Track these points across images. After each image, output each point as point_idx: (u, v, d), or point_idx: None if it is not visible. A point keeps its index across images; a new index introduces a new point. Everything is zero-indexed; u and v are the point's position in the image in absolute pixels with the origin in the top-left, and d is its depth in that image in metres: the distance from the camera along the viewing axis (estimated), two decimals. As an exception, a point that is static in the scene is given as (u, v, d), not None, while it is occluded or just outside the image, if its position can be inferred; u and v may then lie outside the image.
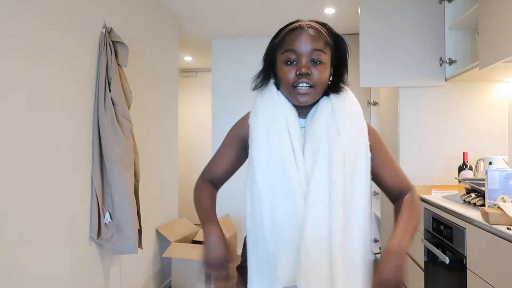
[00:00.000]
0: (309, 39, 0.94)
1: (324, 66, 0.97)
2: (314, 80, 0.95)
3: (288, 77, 0.96)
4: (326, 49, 0.97)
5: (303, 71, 0.94)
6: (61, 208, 1.81)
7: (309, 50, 0.94)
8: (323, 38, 0.96)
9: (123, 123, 2.07)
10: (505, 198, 1.48)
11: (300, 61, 0.95)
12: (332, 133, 0.97)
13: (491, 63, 1.87)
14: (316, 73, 0.95)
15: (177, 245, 2.85)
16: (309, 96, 0.96)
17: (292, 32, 0.97)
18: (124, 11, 2.43)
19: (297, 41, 0.95)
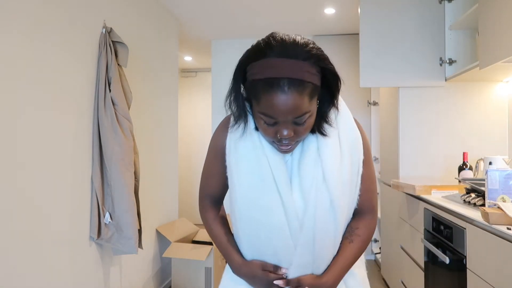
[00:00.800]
0: (290, 108, 0.78)
1: (310, 119, 0.84)
2: (298, 137, 0.86)
3: (268, 136, 0.86)
4: (312, 102, 0.82)
5: (285, 136, 0.83)
6: (61, 208, 1.81)
7: (290, 119, 0.81)
8: (308, 93, 0.80)
9: (123, 123, 2.07)
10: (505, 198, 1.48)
11: (281, 127, 0.82)
12: (319, 178, 0.91)
13: (491, 63, 1.87)
14: (301, 132, 0.84)
15: (177, 245, 2.85)
16: (293, 148, 0.89)
17: (269, 92, 0.78)
18: (124, 11, 2.43)
19: (276, 109, 0.79)
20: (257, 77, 0.80)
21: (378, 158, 3.79)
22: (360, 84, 2.58)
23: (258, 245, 0.95)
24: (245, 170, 0.93)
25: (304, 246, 0.92)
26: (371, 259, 3.80)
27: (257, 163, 0.92)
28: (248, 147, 0.93)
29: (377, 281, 3.20)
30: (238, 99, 0.88)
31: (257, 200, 0.92)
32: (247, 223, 0.95)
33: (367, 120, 3.85)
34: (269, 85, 0.78)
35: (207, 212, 1.08)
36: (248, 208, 0.94)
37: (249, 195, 0.93)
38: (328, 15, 3.32)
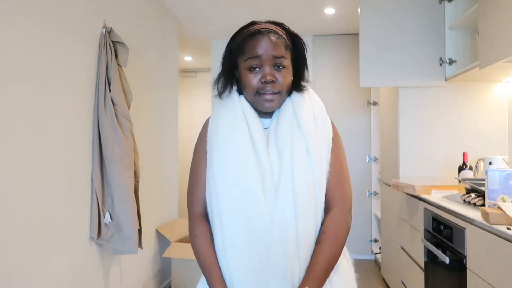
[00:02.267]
0: (271, 46, 0.94)
1: (287, 70, 0.97)
2: (278, 87, 0.96)
3: (253, 84, 0.96)
4: (287, 52, 0.98)
5: (268, 79, 0.94)
6: (61, 208, 1.81)
7: (271, 57, 0.95)
8: (283, 43, 0.97)
9: (123, 123, 2.07)
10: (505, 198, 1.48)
11: (264, 68, 0.95)
12: (294, 128, 0.97)
13: (491, 63, 1.87)
14: (281, 78, 0.96)
15: (177, 245, 2.85)
16: (275, 102, 0.97)
17: (252, 38, 0.96)
18: (124, 11, 2.43)
19: (259, 48, 0.94)
20: (241, 36, 0.99)
21: (378, 158, 3.79)
22: (360, 84, 2.58)
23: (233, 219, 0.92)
24: (223, 128, 0.98)
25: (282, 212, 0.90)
26: (371, 259, 3.80)
27: (234, 121, 0.97)
28: (228, 107, 1.00)
29: (377, 281, 3.20)
30: (225, 70, 1.02)
31: (233, 159, 0.94)
32: (223, 190, 0.93)
33: (367, 120, 3.85)
34: (252, 34, 0.96)
35: (196, 226, 1.01)
36: (223, 169, 0.94)
37: (225, 156, 0.95)
38: (328, 15, 3.32)
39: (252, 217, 0.91)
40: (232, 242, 0.92)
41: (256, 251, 0.91)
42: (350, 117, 3.83)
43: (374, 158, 3.84)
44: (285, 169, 0.93)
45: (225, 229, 0.93)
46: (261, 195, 0.91)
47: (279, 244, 0.90)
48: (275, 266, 0.90)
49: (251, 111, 1.00)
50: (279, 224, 0.91)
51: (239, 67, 0.99)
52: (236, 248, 0.92)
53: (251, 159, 0.93)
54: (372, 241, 3.82)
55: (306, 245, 0.93)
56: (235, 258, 0.92)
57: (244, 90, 0.99)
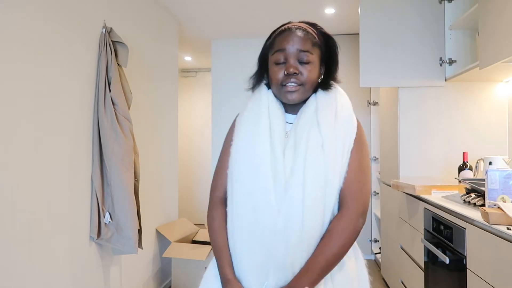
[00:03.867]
0: (296, 41, 0.99)
1: (312, 65, 1.01)
2: (302, 79, 0.99)
3: (277, 76, 1.00)
4: (314, 49, 1.01)
5: (291, 71, 0.98)
6: (61, 208, 1.81)
7: (296, 51, 0.99)
8: (310, 39, 1.01)
9: (123, 123, 2.07)
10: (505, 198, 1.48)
11: (288, 61, 1.00)
12: (313, 125, 0.99)
13: (491, 63, 1.87)
14: (304, 72, 0.99)
15: (177, 245, 2.85)
16: (297, 94, 1.00)
17: (281, 34, 1.02)
18: (124, 11, 2.43)
19: (285, 42, 1.00)
20: (274, 33, 1.05)
21: (378, 158, 3.79)
22: (360, 84, 2.58)
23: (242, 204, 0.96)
24: (246, 118, 1.03)
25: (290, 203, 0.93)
26: (371, 259, 3.80)
27: (258, 112, 1.02)
28: (256, 100, 1.05)
29: (377, 281, 3.20)
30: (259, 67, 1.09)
31: (249, 148, 0.98)
32: (237, 176, 0.98)
33: (367, 120, 3.85)
34: (282, 31, 1.03)
35: (214, 209, 1.06)
36: (239, 156, 0.99)
37: (243, 145, 1.00)
38: (328, 15, 3.32)
39: (259, 204, 0.94)
40: (239, 225, 0.97)
41: (260, 237, 0.94)
42: (350, 117, 3.82)
43: (374, 158, 3.84)
44: (298, 162, 0.96)
45: (235, 213, 0.98)
46: (270, 184, 0.94)
47: (283, 234, 0.93)
48: (277, 254, 0.93)
49: (276, 104, 1.04)
50: (285, 214, 0.93)
51: (269, 62, 1.05)
52: (242, 231, 0.96)
53: (266, 150, 0.97)
54: (372, 241, 3.82)
55: (310, 238, 0.94)
56: (240, 241, 0.96)
57: (271, 84, 1.04)
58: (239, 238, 0.96)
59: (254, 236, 0.94)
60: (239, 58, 4.05)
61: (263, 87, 1.08)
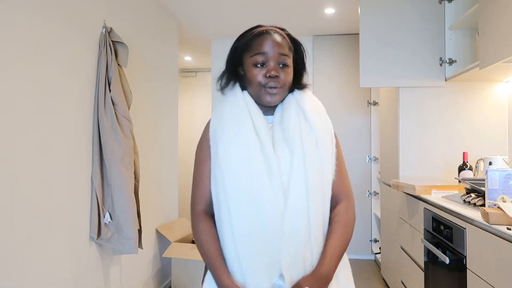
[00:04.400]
0: (276, 44, 1.01)
1: (289, 69, 1.04)
2: (281, 82, 1.01)
3: (258, 78, 1.01)
4: (290, 53, 1.05)
5: (273, 74, 1.00)
6: (61, 208, 1.81)
7: (276, 54, 1.01)
8: (287, 43, 1.04)
9: (123, 123, 2.07)
10: (505, 198, 1.48)
11: (268, 64, 1.01)
12: (301, 120, 1.02)
13: (491, 63, 1.87)
14: (283, 75, 1.02)
15: (177, 245, 2.85)
16: (278, 96, 1.02)
17: (259, 37, 1.03)
18: (124, 11, 2.43)
19: (265, 45, 1.01)
20: (248, 35, 1.04)
21: (378, 158, 3.79)
22: (360, 84, 2.58)
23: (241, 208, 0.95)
24: (227, 121, 1.01)
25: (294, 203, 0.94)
26: (371, 259, 3.80)
27: (238, 113, 1.01)
28: (231, 101, 1.04)
29: (377, 281, 3.20)
30: (229, 68, 1.08)
31: (238, 149, 0.97)
32: (230, 181, 0.96)
33: (367, 120, 3.85)
34: (260, 34, 1.03)
35: (200, 222, 1.02)
36: (229, 159, 0.97)
37: (230, 147, 0.98)
38: (328, 15, 3.32)
39: (261, 206, 0.94)
40: (242, 230, 0.95)
41: (267, 240, 0.94)
42: (350, 117, 3.83)
43: (374, 158, 3.84)
44: (296, 161, 0.97)
45: (234, 219, 0.95)
46: (268, 185, 0.94)
47: (291, 234, 0.94)
48: (287, 253, 0.93)
49: (255, 106, 1.04)
50: (291, 215, 0.94)
51: (244, 64, 1.04)
52: (246, 235, 0.94)
53: (256, 150, 0.97)
54: (372, 241, 3.82)
55: (317, 235, 0.97)
56: (245, 246, 0.94)
57: (249, 85, 1.04)
58: (243, 243, 0.94)
59: (260, 241, 0.94)
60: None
61: (237, 88, 1.06)
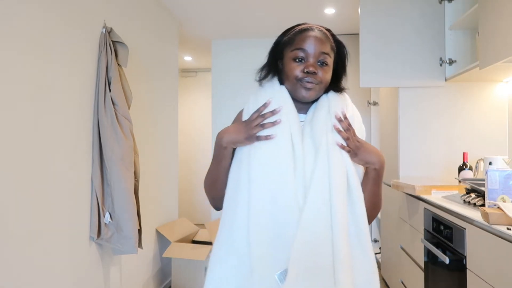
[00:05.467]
0: (318, 42, 1.01)
1: (328, 68, 1.03)
2: (319, 79, 1.01)
3: (295, 73, 1.01)
4: (331, 52, 1.04)
5: (311, 70, 0.99)
6: (61, 208, 1.81)
7: (317, 52, 1.01)
8: (329, 43, 1.03)
9: (123, 123, 2.07)
10: (505, 198, 1.48)
11: (308, 60, 1.01)
12: (329, 123, 1.01)
13: (491, 63, 1.87)
14: (321, 73, 1.01)
15: (177, 245, 2.85)
16: (313, 91, 1.01)
17: (303, 33, 1.03)
18: (124, 11, 2.43)
19: (307, 41, 1.01)
20: (292, 30, 1.05)
21: (378, 158, 3.79)
22: (360, 84, 2.58)
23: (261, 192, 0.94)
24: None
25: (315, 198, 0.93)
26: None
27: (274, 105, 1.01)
28: (268, 93, 1.04)
29: (377, 281, 3.19)
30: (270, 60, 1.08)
31: (269, 144, 0.98)
32: (255, 166, 0.96)
33: (367, 120, 3.85)
34: (303, 30, 1.03)
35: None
36: (258, 147, 0.98)
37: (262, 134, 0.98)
38: (328, 15, 3.32)
39: (280, 200, 0.94)
40: (256, 219, 0.94)
41: (280, 234, 0.92)
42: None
43: (374, 158, 3.83)
44: (321, 158, 0.96)
45: (252, 204, 0.94)
46: (292, 180, 0.94)
47: (308, 231, 0.91)
48: (298, 251, 0.90)
49: (290, 101, 1.03)
50: (309, 211, 0.92)
51: (284, 57, 1.05)
52: (260, 226, 0.93)
53: (287, 145, 0.97)
54: (372, 241, 3.82)
55: (340, 243, 0.92)
56: (256, 232, 0.93)
57: (286, 79, 1.04)
58: (257, 231, 0.93)
59: (273, 231, 0.93)
60: (239, 58, 4.05)
61: (275, 82, 1.07)
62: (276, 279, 0.91)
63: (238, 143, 1.00)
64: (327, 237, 0.92)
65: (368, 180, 1.03)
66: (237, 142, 1.00)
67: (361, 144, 1.01)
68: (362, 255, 0.96)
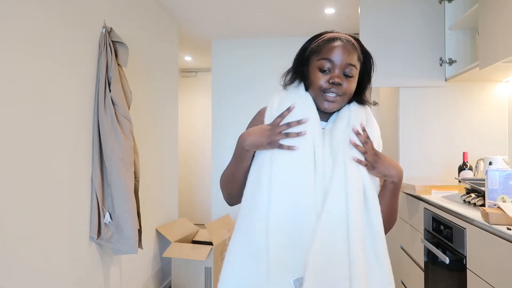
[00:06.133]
0: (346, 53, 1.00)
1: (353, 79, 1.03)
2: (343, 90, 1.00)
3: (320, 83, 1.00)
4: (357, 63, 1.03)
5: (336, 81, 0.99)
6: (61, 208, 1.81)
7: (344, 63, 1.00)
8: (357, 54, 1.03)
9: (123, 123, 2.07)
10: (505, 198, 1.48)
11: (334, 71, 1.00)
12: (347, 143, 0.99)
13: (491, 63, 1.87)
14: (346, 85, 1.00)
15: (177, 245, 2.85)
16: (336, 104, 1.01)
17: (331, 42, 1.01)
18: (124, 11, 2.43)
19: (335, 52, 1.00)
20: (321, 38, 1.04)
21: (378, 158, 3.79)
22: (360, 84, 2.57)
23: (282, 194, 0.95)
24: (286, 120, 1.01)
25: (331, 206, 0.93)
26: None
27: (298, 116, 1.00)
28: (293, 99, 1.03)
29: (377, 281, 3.19)
30: (296, 66, 1.08)
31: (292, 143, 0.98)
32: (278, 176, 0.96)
33: (367, 120, 3.84)
34: (331, 39, 1.02)
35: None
36: (281, 157, 0.97)
37: (285, 140, 0.98)
38: (328, 15, 3.32)
39: (299, 207, 0.94)
40: (276, 216, 0.94)
41: (298, 241, 0.93)
42: (350, 117, 3.82)
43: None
44: (338, 167, 0.96)
45: (272, 209, 0.95)
46: (312, 188, 0.95)
47: (325, 240, 0.91)
48: (316, 259, 0.91)
49: (314, 109, 1.03)
50: (327, 220, 0.93)
51: (310, 65, 1.04)
52: (279, 231, 0.93)
53: (309, 152, 0.97)
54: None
55: (356, 254, 0.92)
56: (276, 239, 0.93)
57: (310, 87, 1.03)
58: (275, 236, 0.93)
59: (291, 238, 0.93)
60: (239, 58, 4.04)
61: (301, 88, 1.06)
62: (291, 284, 0.92)
63: (260, 147, 1.00)
64: (343, 247, 0.93)
65: (385, 192, 1.03)
66: (260, 146, 1.00)
67: (379, 158, 1.00)
68: (378, 266, 0.96)
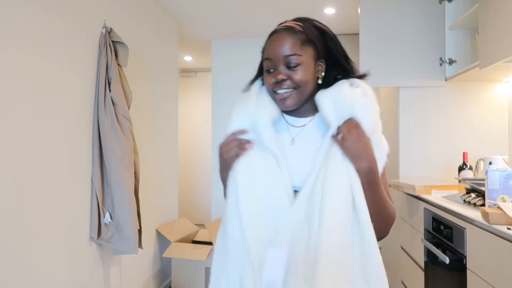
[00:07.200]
0: (281, 45, 0.92)
1: (303, 66, 0.93)
2: (294, 83, 0.93)
3: (268, 85, 0.96)
4: (304, 48, 0.93)
5: (279, 78, 0.92)
6: (61, 208, 1.81)
7: (281, 57, 0.92)
8: (299, 39, 0.93)
9: (123, 123, 2.07)
10: (505, 198, 1.48)
11: (276, 69, 0.94)
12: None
13: (491, 63, 1.87)
14: (294, 76, 0.92)
15: (177, 245, 2.85)
16: (291, 99, 0.94)
17: (269, 39, 0.96)
18: (124, 11, 2.43)
19: (271, 49, 0.94)
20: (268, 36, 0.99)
21: (378, 158, 3.79)
22: (360, 84, 2.57)
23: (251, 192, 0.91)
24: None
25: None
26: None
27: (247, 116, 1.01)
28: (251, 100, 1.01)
29: (377, 281, 3.19)
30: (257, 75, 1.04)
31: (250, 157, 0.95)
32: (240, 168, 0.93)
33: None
34: (269, 35, 0.97)
35: None
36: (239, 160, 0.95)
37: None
38: (328, 15, 3.32)
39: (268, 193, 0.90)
40: (247, 214, 0.90)
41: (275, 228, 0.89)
42: (350, 117, 3.83)
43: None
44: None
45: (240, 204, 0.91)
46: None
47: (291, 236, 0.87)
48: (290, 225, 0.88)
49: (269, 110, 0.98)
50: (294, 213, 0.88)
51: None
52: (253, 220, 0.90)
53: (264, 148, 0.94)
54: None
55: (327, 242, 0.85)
56: (252, 234, 0.90)
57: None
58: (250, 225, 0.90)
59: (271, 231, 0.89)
60: (239, 58, 4.04)
61: (254, 86, 1.03)
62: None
63: (230, 163, 0.96)
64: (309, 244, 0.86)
65: (363, 187, 0.91)
66: (227, 166, 0.97)
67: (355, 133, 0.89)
68: (368, 262, 0.87)
